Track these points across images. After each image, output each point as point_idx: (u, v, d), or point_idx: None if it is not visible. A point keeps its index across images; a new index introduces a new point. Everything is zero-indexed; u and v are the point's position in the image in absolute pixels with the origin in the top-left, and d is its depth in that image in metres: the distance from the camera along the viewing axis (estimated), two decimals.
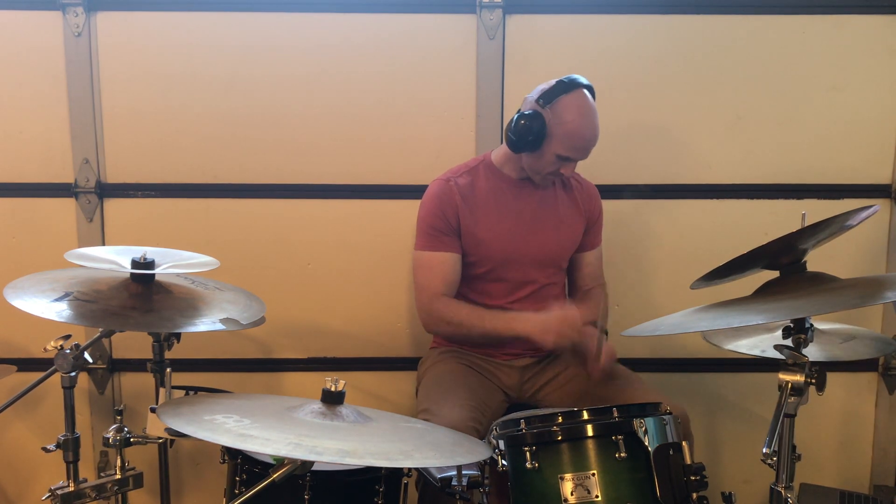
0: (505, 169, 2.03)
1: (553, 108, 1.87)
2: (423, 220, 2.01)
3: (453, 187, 1.99)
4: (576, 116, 1.86)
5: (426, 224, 2.00)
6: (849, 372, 2.42)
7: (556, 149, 1.88)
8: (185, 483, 2.49)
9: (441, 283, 1.97)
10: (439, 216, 1.98)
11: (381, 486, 1.47)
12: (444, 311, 1.96)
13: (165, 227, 2.34)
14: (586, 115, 1.87)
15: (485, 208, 2.00)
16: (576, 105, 1.87)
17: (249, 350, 2.43)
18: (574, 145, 1.89)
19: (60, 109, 2.30)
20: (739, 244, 1.41)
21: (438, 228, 1.98)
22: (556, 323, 1.82)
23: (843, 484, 2.43)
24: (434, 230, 1.98)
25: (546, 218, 2.04)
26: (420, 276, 2.01)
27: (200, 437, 1.15)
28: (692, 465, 1.34)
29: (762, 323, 1.52)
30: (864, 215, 1.38)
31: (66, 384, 1.65)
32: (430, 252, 1.99)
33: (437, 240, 1.98)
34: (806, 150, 2.34)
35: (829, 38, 2.29)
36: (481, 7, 2.25)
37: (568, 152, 1.89)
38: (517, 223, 2.01)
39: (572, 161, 1.92)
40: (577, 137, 1.88)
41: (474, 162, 2.07)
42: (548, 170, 1.94)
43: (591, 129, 1.89)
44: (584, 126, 1.87)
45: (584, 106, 1.87)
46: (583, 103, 1.87)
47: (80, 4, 2.23)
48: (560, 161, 1.91)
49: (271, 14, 2.28)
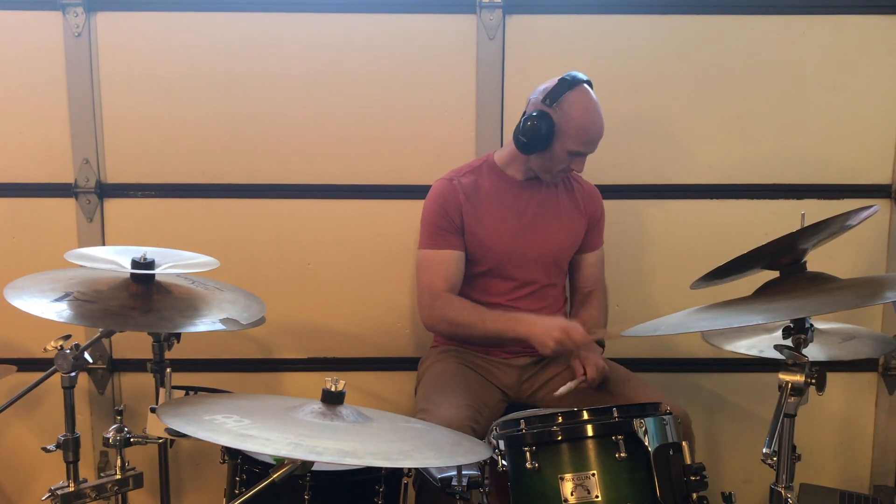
0: (509, 170, 2.05)
1: (560, 106, 1.90)
2: (427, 218, 2.02)
3: (457, 186, 2.01)
4: (583, 111, 1.90)
5: (430, 223, 2.01)
6: (849, 372, 2.42)
7: (568, 145, 1.91)
8: (185, 483, 2.49)
9: (444, 281, 1.98)
10: (443, 214, 1.99)
11: (381, 486, 1.47)
12: (445, 309, 1.97)
13: (165, 227, 2.34)
14: (593, 109, 1.92)
15: (487, 208, 2.01)
16: (582, 101, 1.91)
17: (249, 350, 2.42)
18: (585, 139, 1.92)
19: (60, 109, 2.30)
20: (739, 244, 1.41)
21: (442, 227, 1.99)
22: (558, 330, 1.82)
23: (843, 484, 2.43)
24: (437, 228, 2.00)
25: (548, 218, 2.05)
26: (423, 274, 2.02)
27: (200, 437, 1.15)
28: (692, 465, 1.34)
29: (762, 323, 1.52)
30: (864, 215, 1.38)
31: (66, 384, 1.65)
32: (433, 250, 2.00)
33: (440, 238, 2.00)
34: (806, 150, 2.34)
35: (829, 38, 2.29)
36: (481, 7, 2.25)
37: (579, 147, 1.92)
38: (519, 223, 2.02)
39: (583, 155, 1.95)
40: (586, 131, 1.91)
41: (477, 162, 2.08)
42: (559, 167, 1.97)
43: (598, 121, 1.93)
44: (592, 120, 1.92)
45: (590, 100, 1.92)
46: (588, 98, 1.92)
47: (80, 4, 2.23)
48: (571, 157, 1.94)
49: (271, 14, 2.28)
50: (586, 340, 1.85)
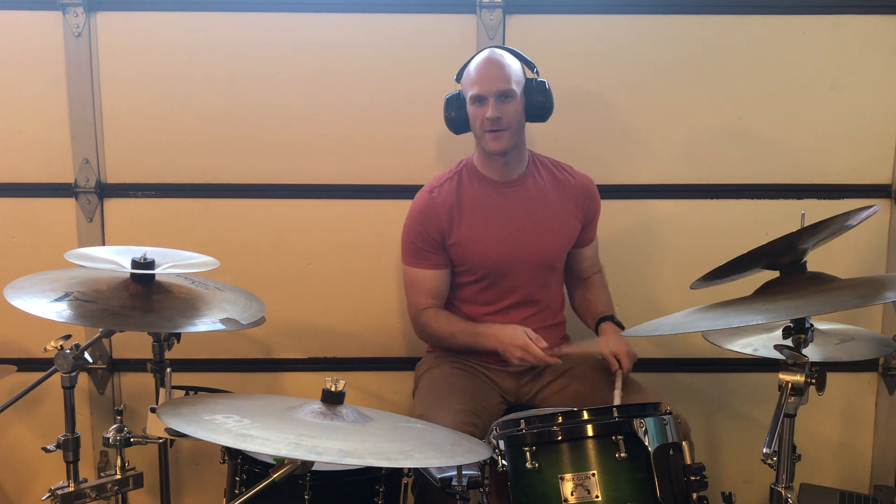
0: (486, 171, 2.01)
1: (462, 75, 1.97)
2: (406, 236, 2.02)
3: (436, 199, 1.98)
4: (475, 62, 1.93)
5: (409, 241, 2.02)
6: (849, 372, 2.42)
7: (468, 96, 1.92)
8: (185, 483, 2.49)
9: (426, 298, 2.01)
10: (421, 234, 1.98)
11: (381, 487, 1.48)
12: (427, 324, 2.01)
13: (165, 227, 2.34)
14: (483, 55, 1.93)
15: (472, 215, 1.98)
16: (475, 58, 1.95)
17: (249, 350, 2.42)
18: (476, 80, 1.90)
19: (60, 109, 2.30)
20: (739, 244, 1.41)
21: (420, 247, 1.99)
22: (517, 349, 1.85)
23: (843, 484, 2.43)
24: (416, 248, 1.99)
25: (538, 219, 2.01)
26: (407, 290, 2.05)
27: (200, 437, 1.15)
28: (692, 465, 1.34)
29: (762, 323, 1.52)
30: (864, 215, 1.38)
31: (66, 384, 1.65)
32: (414, 269, 2.01)
33: (420, 257, 2.00)
34: (806, 150, 2.34)
35: (829, 38, 2.29)
36: (481, 7, 2.25)
37: (476, 89, 1.90)
38: (508, 227, 1.98)
39: (485, 99, 1.90)
40: (477, 72, 1.91)
41: (457, 167, 2.06)
42: (478, 123, 1.93)
43: (489, 62, 1.91)
44: (481, 63, 1.91)
45: (482, 54, 1.94)
46: (481, 54, 1.94)
47: (80, 4, 2.23)
48: (477, 106, 1.91)
49: (271, 14, 2.28)
50: (545, 359, 1.85)
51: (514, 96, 1.91)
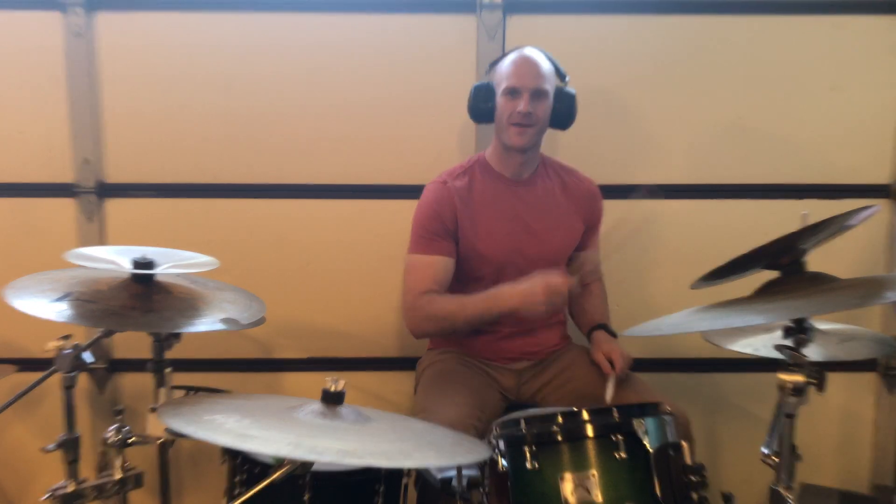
0: (499, 167, 2.03)
1: (494, 68, 2.01)
2: (419, 222, 1.99)
3: (451, 189, 1.99)
4: (511, 58, 1.97)
5: (421, 227, 1.98)
6: (848, 372, 2.42)
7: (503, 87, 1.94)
8: (185, 483, 2.49)
9: (431, 282, 1.93)
10: (436, 218, 1.96)
11: (380, 486, 1.47)
12: (427, 306, 1.92)
13: (166, 227, 2.34)
14: (521, 51, 1.97)
15: (482, 211, 1.99)
16: (511, 54, 1.98)
17: (249, 350, 2.42)
18: (513, 72, 1.93)
19: (60, 109, 2.30)
20: (739, 244, 1.41)
21: (434, 231, 1.96)
22: (541, 291, 1.76)
23: (843, 484, 2.43)
24: (429, 233, 1.97)
25: (544, 219, 2.02)
26: (409, 278, 1.97)
27: (200, 437, 1.15)
28: (692, 465, 1.35)
29: (762, 323, 1.52)
30: (864, 215, 1.38)
31: (66, 384, 1.65)
32: (421, 255, 1.97)
33: (431, 243, 1.97)
34: (806, 150, 2.34)
35: (829, 38, 2.29)
36: (481, 7, 2.25)
37: (512, 82, 1.93)
38: (515, 226, 2.00)
39: (519, 93, 1.92)
40: (514, 66, 1.94)
41: (469, 162, 2.06)
42: (506, 116, 1.94)
43: (528, 58, 1.94)
44: (520, 58, 1.95)
45: (520, 50, 1.97)
46: (518, 50, 1.97)
47: (81, 4, 2.23)
48: (509, 99, 1.93)
49: (271, 14, 2.28)
50: (570, 284, 1.76)
51: (547, 97, 1.95)
